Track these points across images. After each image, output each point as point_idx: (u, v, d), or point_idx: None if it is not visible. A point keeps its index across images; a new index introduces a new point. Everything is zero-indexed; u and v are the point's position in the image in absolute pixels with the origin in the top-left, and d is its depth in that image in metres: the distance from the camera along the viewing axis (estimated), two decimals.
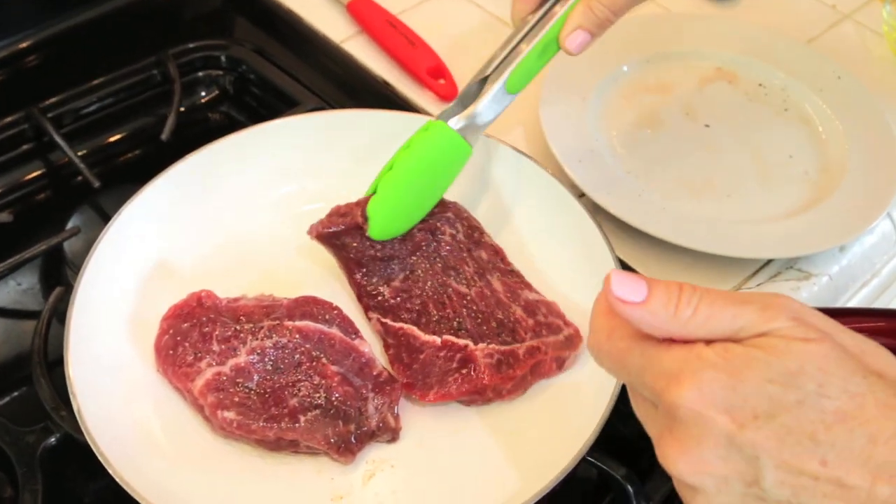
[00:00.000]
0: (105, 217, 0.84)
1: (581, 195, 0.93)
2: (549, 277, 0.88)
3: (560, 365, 0.81)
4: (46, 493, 0.74)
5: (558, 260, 0.88)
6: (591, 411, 0.73)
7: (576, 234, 0.87)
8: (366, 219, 0.83)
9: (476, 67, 0.92)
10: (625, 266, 0.87)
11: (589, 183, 0.95)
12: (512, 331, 0.80)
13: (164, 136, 1.04)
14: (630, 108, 1.10)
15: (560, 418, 0.78)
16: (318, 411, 0.75)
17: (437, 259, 0.85)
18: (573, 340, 0.81)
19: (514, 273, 0.87)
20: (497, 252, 0.88)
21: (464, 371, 0.78)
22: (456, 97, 1.05)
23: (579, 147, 1.00)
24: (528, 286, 0.86)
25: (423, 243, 0.86)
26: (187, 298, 0.81)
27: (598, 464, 0.76)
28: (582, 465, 0.73)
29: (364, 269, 0.85)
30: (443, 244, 0.86)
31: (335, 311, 0.82)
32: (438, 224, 0.87)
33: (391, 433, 0.78)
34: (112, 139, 1.09)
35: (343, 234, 0.85)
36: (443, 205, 0.89)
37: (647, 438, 0.82)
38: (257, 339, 0.79)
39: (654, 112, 1.10)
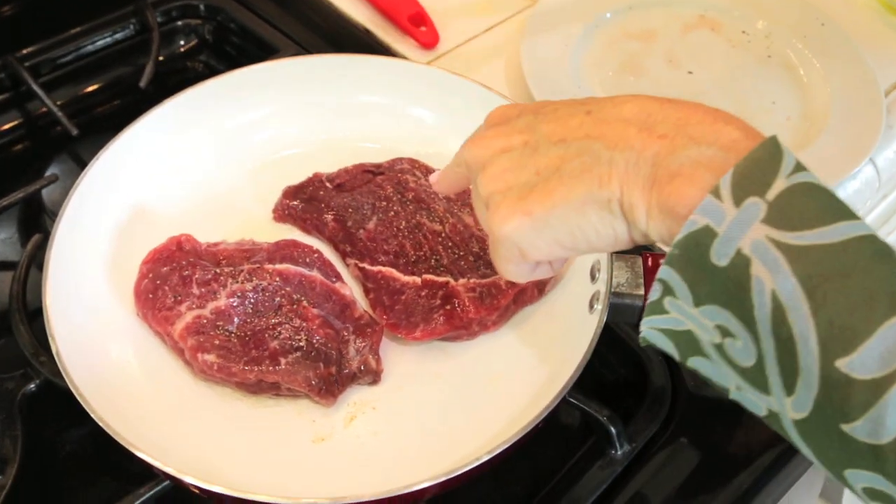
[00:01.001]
0: (84, 165, 0.82)
1: None
2: None
3: (541, 290, 0.81)
4: (26, 439, 0.74)
5: None
6: (573, 346, 0.72)
7: None
8: None
9: (457, 14, 0.90)
10: None
11: None
12: (489, 263, 0.77)
13: (142, 84, 1.03)
14: (613, 54, 1.09)
15: (542, 355, 0.78)
16: (298, 353, 0.74)
17: (408, 202, 0.85)
18: None
19: None
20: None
21: (448, 307, 0.77)
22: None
23: (562, 94, 0.97)
24: None
25: (391, 190, 0.86)
26: (167, 242, 0.80)
27: (581, 405, 0.76)
28: (565, 407, 0.73)
29: (335, 215, 0.85)
30: (409, 188, 0.86)
31: (316, 255, 0.81)
32: (399, 175, 0.87)
33: (373, 375, 0.77)
34: (90, 88, 1.09)
35: (309, 188, 0.88)
36: (398, 160, 0.89)
37: (631, 384, 0.84)
38: (237, 282, 0.77)
39: (637, 59, 1.09)
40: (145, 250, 0.80)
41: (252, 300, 0.77)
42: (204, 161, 0.91)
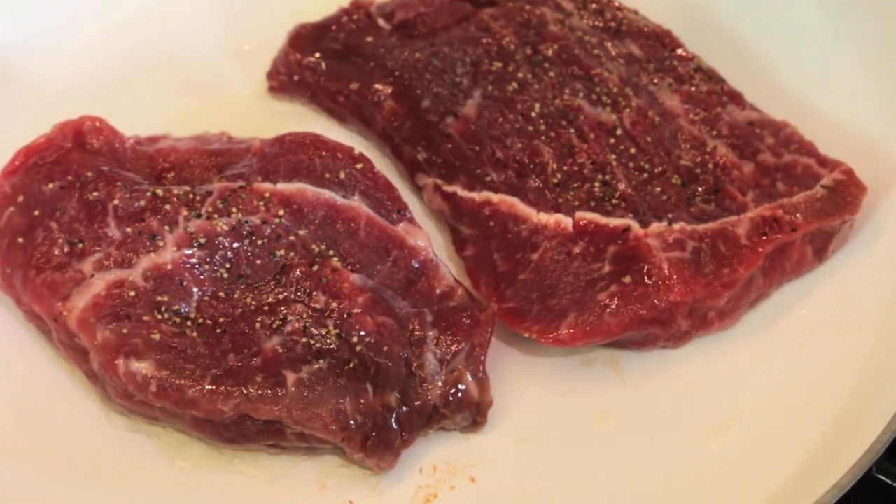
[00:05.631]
0: None
1: None
2: (782, 75, 0.68)
3: (821, 249, 0.60)
4: None
5: (801, 42, 0.69)
6: (887, 366, 0.55)
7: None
8: None
9: None
10: None
11: None
12: (714, 189, 0.60)
13: None
14: None
15: (819, 382, 0.61)
16: (322, 363, 0.58)
17: (545, 62, 0.64)
18: (844, 194, 0.60)
19: (703, 74, 0.66)
20: (661, 38, 0.70)
21: (626, 280, 0.57)
22: None
23: None
24: (736, 97, 0.67)
25: (510, 36, 0.66)
26: (53, 133, 0.65)
27: None
28: (866, 487, 0.55)
29: (396, 85, 0.66)
30: (548, 34, 0.66)
31: (359, 165, 0.63)
32: (527, 6, 0.68)
33: (474, 411, 0.60)
34: None
35: (343, 30, 0.68)
36: None
37: None
38: (199, 215, 0.61)
39: None
40: (9, 147, 0.63)
41: (229, 254, 0.60)
42: None
